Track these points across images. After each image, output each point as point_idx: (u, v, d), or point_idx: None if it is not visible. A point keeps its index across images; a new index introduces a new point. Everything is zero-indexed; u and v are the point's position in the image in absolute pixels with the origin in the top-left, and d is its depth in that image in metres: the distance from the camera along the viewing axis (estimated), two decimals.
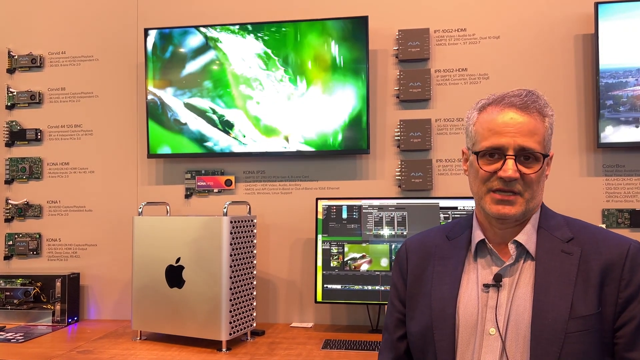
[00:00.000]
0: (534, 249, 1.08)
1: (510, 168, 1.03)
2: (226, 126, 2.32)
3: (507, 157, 1.04)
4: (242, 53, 2.30)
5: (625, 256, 1.03)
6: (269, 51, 2.28)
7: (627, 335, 1.00)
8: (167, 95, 2.36)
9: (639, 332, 1.00)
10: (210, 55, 2.33)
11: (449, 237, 1.19)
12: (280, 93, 2.28)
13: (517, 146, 1.04)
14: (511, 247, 1.09)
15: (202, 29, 2.33)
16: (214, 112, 2.32)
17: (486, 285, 1.08)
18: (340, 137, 2.24)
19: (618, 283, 1.02)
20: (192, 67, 2.34)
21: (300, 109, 2.27)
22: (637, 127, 2.08)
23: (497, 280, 1.07)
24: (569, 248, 1.06)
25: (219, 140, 2.32)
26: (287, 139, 2.28)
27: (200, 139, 2.33)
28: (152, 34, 2.37)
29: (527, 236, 1.09)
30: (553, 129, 1.10)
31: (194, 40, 2.34)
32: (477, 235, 1.13)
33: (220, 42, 2.32)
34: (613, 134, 2.10)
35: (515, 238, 1.09)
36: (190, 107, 2.34)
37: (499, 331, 1.03)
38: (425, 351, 1.11)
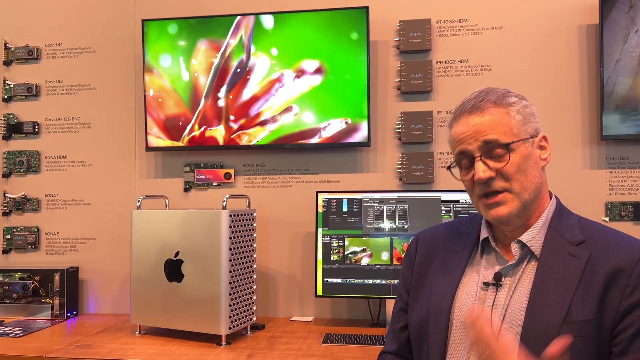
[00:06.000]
0: (539, 249, 1.04)
1: (479, 170, 1.02)
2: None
3: (475, 160, 1.04)
4: (243, 42, 2.28)
5: (636, 262, 0.96)
6: (268, 43, 2.26)
7: (623, 342, 0.94)
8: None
9: (634, 338, 0.94)
10: (202, 45, 2.31)
11: (460, 232, 1.18)
12: (278, 84, 2.25)
13: (479, 146, 1.03)
14: (514, 247, 1.06)
15: (198, 18, 2.30)
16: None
17: (486, 284, 1.06)
18: (340, 130, 2.22)
19: (623, 290, 0.95)
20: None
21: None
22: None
23: (497, 279, 1.04)
24: (577, 251, 1.01)
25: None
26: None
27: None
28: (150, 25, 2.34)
29: (533, 236, 1.06)
30: (526, 113, 1.06)
31: (190, 29, 2.31)
32: (483, 233, 1.12)
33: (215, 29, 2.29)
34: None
35: (520, 238, 1.06)
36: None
37: None
38: (421, 343, 1.11)
